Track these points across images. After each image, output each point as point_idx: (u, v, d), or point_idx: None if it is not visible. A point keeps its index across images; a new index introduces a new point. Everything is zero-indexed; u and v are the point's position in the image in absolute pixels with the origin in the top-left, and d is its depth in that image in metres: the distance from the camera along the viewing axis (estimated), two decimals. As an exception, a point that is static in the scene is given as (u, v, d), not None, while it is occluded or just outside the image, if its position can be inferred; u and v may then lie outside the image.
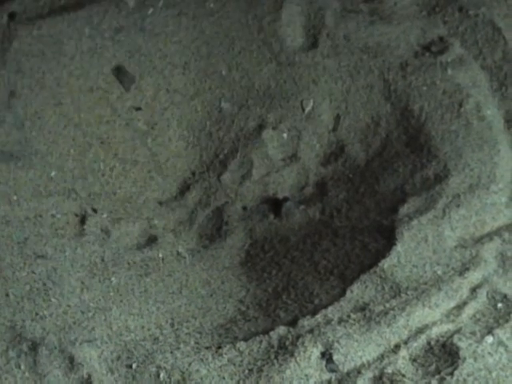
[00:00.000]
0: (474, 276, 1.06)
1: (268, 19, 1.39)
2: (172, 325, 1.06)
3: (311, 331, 1.01)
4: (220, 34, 1.38)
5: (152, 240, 1.23)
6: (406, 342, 1.00)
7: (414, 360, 0.99)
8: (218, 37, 1.38)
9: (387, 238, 1.13)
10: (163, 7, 1.41)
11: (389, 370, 0.97)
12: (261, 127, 1.31)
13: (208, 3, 1.42)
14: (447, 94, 1.27)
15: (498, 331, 1.00)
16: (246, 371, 0.98)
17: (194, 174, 1.32)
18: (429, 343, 1.00)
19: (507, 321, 1.01)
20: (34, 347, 1.00)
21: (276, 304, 1.10)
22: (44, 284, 1.11)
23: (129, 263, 1.18)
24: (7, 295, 1.08)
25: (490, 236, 1.11)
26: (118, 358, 1.00)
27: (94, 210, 1.26)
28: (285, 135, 1.31)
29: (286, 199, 1.25)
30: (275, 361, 0.98)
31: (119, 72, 1.36)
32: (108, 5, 1.41)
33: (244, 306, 1.11)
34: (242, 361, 1.00)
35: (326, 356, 0.99)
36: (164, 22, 1.40)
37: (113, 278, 1.14)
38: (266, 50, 1.36)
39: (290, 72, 1.34)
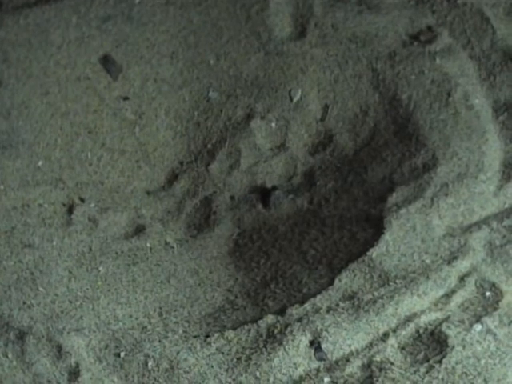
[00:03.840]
0: (463, 265, 1.06)
1: (256, 8, 1.38)
2: (160, 314, 1.06)
3: (300, 320, 1.01)
4: (208, 24, 1.38)
5: (140, 229, 1.22)
6: (394, 331, 1.00)
7: (403, 348, 0.99)
8: (205, 26, 1.38)
9: (375, 227, 1.13)
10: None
11: (377, 358, 0.97)
12: (249, 117, 1.30)
13: (196, -8, 1.41)
14: (435, 84, 1.26)
15: (486, 319, 1.00)
16: (235, 360, 0.98)
17: (181, 163, 1.31)
18: (417, 331, 1.00)
19: (495, 309, 1.01)
20: (22, 336, 0.99)
21: (264, 293, 1.10)
22: (31, 273, 1.10)
23: (116, 253, 1.17)
24: (-6, 284, 1.08)
25: (478, 225, 1.11)
26: (106, 346, 1.00)
27: (82, 200, 1.26)
28: (273, 125, 1.31)
29: (274, 189, 1.25)
30: (264, 349, 0.98)
31: (106, 61, 1.36)
32: (95, -6, 1.40)
33: (232, 295, 1.11)
34: (230, 349, 0.99)
35: (315, 344, 0.98)
36: (151, 12, 1.39)
37: (100, 268, 1.14)
38: (254, 40, 1.36)
39: (278, 61, 1.33)
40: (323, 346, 0.98)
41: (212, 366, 0.98)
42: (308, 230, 1.15)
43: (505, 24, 1.31)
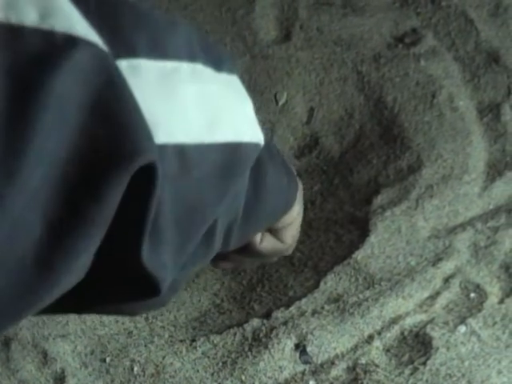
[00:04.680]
0: (447, 266, 1.07)
1: (241, 12, 1.39)
2: (146, 318, 1.06)
3: (285, 323, 1.02)
4: (193, 28, 1.38)
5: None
6: (379, 333, 1.00)
7: (388, 350, 0.99)
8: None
9: (361, 230, 1.13)
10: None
11: (362, 361, 0.98)
12: (235, 120, 1.31)
13: (181, -4, 1.42)
14: (420, 86, 1.27)
15: (470, 321, 1.00)
16: (220, 364, 0.99)
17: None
18: (402, 333, 1.01)
19: (480, 310, 1.02)
20: (7, 343, 0.99)
21: (250, 297, 1.10)
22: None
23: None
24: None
25: (463, 226, 1.12)
26: (92, 352, 1.00)
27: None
28: (259, 128, 1.31)
29: (260, 192, 1.25)
30: (249, 353, 0.99)
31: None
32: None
33: (218, 298, 1.11)
34: (216, 353, 1.00)
35: (300, 348, 0.99)
36: (137, 16, 1.39)
37: (87, 273, 1.14)
38: (240, 43, 1.36)
39: (264, 65, 1.34)
40: (308, 349, 0.99)
41: (198, 371, 0.98)
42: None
43: (489, 25, 1.32)
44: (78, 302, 0.53)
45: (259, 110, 1.32)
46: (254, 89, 1.33)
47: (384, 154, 1.22)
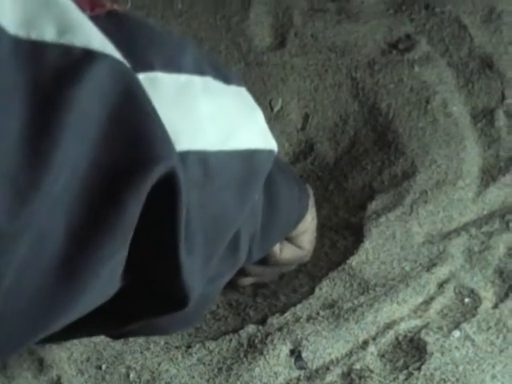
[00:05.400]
0: (442, 271, 1.07)
1: (236, 19, 1.40)
2: (142, 325, 1.06)
3: (280, 329, 1.02)
4: (188, 35, 1.39)
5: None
6: (374, 338, 1.01)
7: (382, 356, 1.00)
8: (186, 37, 1.38)
9: (355, 235, 1.14)
10: (131, 9, 1.42)
11: (357, 366, 0.98)
12: (230, 127, 1.31)
13: (176, 4, 1.42)
14: (414, 91, 1.28)
15: (464, 325, 1.01)
16: (216, 370, 0.99)
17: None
18: (397, 339, 1.01)
19: (474, 315, 1.02)
20: (-5, 359, 1.00)
21: (246, 303, 1.10)
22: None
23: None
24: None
25: (457, 231, 1.12)
26: (88, 359, 1.00)
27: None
28: (254, 134, 1.31)
29: (256, 198, 1.26)
30: (244, 359, 0.99)
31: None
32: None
33: (214, 305, 1.11)
34: (211, 360, 1.00)
35: (295, 353, 0.99)
36: (132, 24, 1.40)
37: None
38: (235, 50, 1.37)
39: (259, 72, 1.34)
40: (303, 354, 0.99)
41: (193, 377, 0.99)
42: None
43: (482, 31, 1.32)
44: (107, 321, 0.53)
45: (254, 116, 1.32)
46: (248, 95, 1.33)
47: (378, 160, 1.23)
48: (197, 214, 0.51)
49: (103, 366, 1.00)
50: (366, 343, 1.00)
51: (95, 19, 0.46)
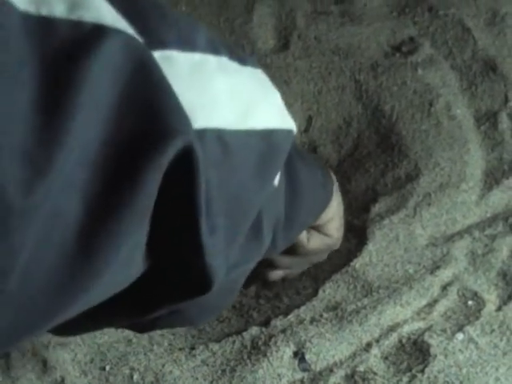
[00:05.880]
0: (445, 274, 1.07)
1: (239, 21, 1.40)
2: (145, 327, 1.06)
3: (284, 331, 1.02)
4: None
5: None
6: (377, 341, 1.01)
7: (386, 358, 1.00)
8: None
9: (359, 238, 1.14)
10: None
11: (361, 369, 0.98)
12: (233, 129, 1.31)
13: (180, 6, 1.43)
14: (418, 94, 1.28)
15: (468, 328, 1.01)
16: (219, 372, 0.99)
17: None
18: (400, 341, 1.01)
19: (477, 318, 1.02)
20: (7, 351, 1.00)
21: (249, 305, 1.11)
22: (17, 288, 1.11)
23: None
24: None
25: (460, 234, 1.12)
26: (92, 360, 1.01)
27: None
28: (257, 137, 1.32)
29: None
30: (248, 361, 0.99)
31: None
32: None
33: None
34: (215, 361, 1.00)
35: (299, 355, 0.99)
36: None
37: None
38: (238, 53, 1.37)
39: (262, 74, 1.34)
40: (307, 356, 0.99)
41: (197, 378, 0.99)
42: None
43: (485, 34, 1.32)
44: (130, 309, 0.53)
45: (257, 118, 1.32)
46: (252, 98, 1.33)
47: (382, 163, 1.23)
48: (216, 193, 0.50)
49: (107, 367, 1.00)
50: (369, 345, 1.00)
51: None
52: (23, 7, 0.41)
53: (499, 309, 1.03)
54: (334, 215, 0.95)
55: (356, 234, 1.15)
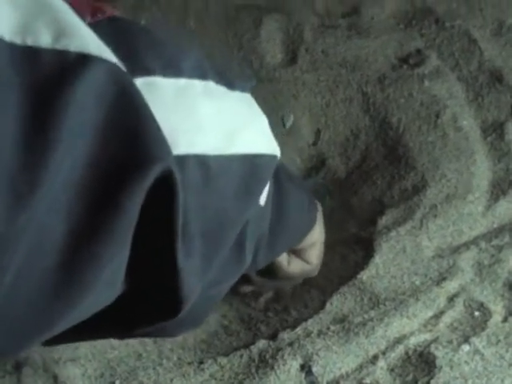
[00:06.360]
0: (451, 285, 1.08)
1: (247, 37, 1.41)
2: (155, 341, 1.08)
3: (291, 344, 1.03)
4: (202, 53, 1.40)
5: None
6: (384, 353, 1.02)
7: (392, 370, 1.00)
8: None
9: (366, 250, 1.15)
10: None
11: (367, 381, 0.99)
12: (243, 143, 1.33)
13: (188, 22, 1.44)
14: (424, 106, 1.28)
15: (474, 339, 1.01)
16: (227, 385, 1.00)
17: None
18: (406, 353, 1.02)
19: (483, 329, 1.03)
20: (18, 367, 1.02)
21: (258, 318, 1.12)
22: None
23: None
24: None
25: (466, 245, 1.13)
26: (102, 375, 1.02)
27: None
28: (267, 150, 1.33)
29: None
30: (256, 374, 1.00)
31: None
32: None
33: (226, 320, 1.13)
34: (223, 375, 1.01)
35: (306, 368, 1.00)
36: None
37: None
38: (246, 67, 1.38)
39: (270, 88, 1.36)
40: (314, 369, 1.00)
41: (205, 392, 1.00)
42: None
43: (492, 45, 1.33)
44: (111, 326, 0.54)
45: (266, 132, 1.34)
46: (260, 112, 1.35)
47: (389, 175, 1.24)
48: (196, 216, 0.52)
49: (117, 382, 1.01)
50: (375, 357, 1.01)
51: (96, 25, 0.48)
52: (9, 38, 0.42)
53: (505, 320, 1.04)
54: (316, 241, 0.96)
55: (363, 246, 1.16)
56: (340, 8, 1.44)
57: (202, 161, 0.52)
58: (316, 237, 0.93)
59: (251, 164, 0.58)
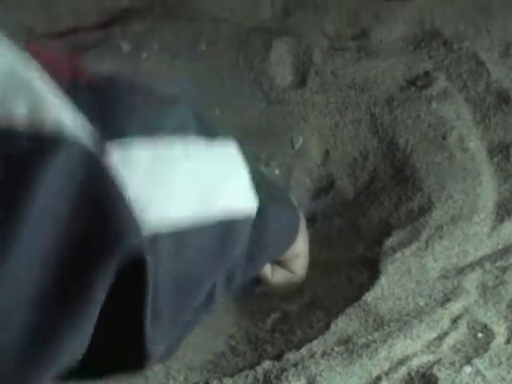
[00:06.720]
0: (455, 306, 1.09)
1: (258, 59, 1.43)
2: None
3: (295, 365, 1.04)
4: (212, 75, 1.43)
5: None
6: (387, 374, 1.03)
7: (395, 391, 1.01)
8: (210, 77, 1.42)
9: (371, 271, 1.16)
10: (157, 51, 1.46)
11: (370, 402, 1.00)
12: (253, 164, 1.34)
13: (200, 45, 1.46)
14: (432, 127, 1.30)
15: (476, 361, 1.02)
16: (232, 406, 1.02)
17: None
18: (409, 374, 1.03)
19: (486, 350, 1.04)
20: None
21: (264, 339, 1.13)
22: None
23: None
24: None
25: (472, 266, 1.14)
26: (109, 395, 1.04)
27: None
28: (276, 171, 1.35)
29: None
30: (260, 395, 1.02)
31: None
32: (104, 49, 1.46)
33: (234, 341, 1.14)
34: (228, 396, 1.03)
35: (309, 389, 1.01)
36: (158, 66, 1.44)
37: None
38: (257, 89, 1.40)
39: (280, 110, 1.38)
40: (317, 390, 1.01)
41: (210, 413, 1.01)
42: (307, 275, 1.17)
43: (499, 66, 1.34)
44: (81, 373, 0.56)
45: (275, 154, 1.36)
46: (270, 134, 1.37)
47: (396, 196, 1.25)
48: (167, 283, 0.53)
49: (123, 402, 1.03)
50: (378, 378, 1.02)
51: (74, 90, 0.49)
52: None
53: (508, 341, 1.05)
54: (300, 252, 0.97)
55: (369, 267, 1.17)
56: (349, 31, 1.46)
57: (174, 232, 0.53)
58: (300, 248, 0.94)
59: (226, 229, 0.59)
